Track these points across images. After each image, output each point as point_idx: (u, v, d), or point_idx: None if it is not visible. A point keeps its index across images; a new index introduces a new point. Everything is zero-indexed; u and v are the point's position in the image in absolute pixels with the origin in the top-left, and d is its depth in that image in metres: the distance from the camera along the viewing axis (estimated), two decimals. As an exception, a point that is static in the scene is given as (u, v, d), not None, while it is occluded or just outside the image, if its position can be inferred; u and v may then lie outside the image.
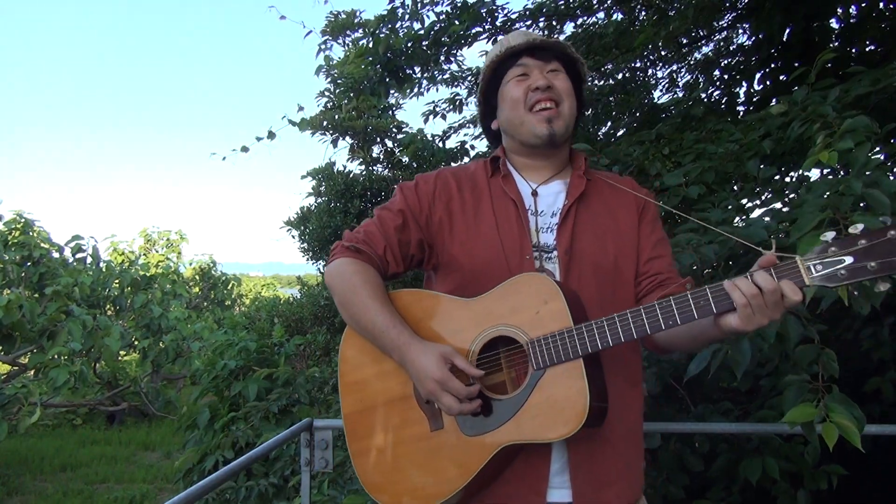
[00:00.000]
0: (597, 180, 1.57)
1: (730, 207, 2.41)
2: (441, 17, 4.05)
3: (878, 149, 2.67)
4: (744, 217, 2.49)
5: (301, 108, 6.56)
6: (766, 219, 2.25)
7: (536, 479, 1.39)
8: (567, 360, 1.29)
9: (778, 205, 2.52)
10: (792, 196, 2.50)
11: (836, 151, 1.85)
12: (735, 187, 2.70)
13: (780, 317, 1.17)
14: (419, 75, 4.46)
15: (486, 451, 1.34)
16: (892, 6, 4.31)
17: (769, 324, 1.18)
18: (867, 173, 1.80)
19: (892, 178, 1.94)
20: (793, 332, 1.80)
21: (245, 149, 5.26)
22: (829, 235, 1.15)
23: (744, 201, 2.62)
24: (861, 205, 1.72)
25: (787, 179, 2.85)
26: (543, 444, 1.36)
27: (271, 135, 5.34)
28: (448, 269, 1.52)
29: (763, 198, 2.66)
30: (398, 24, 3.96)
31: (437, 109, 5.88)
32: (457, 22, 3.99)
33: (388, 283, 1.57)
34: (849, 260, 1.11)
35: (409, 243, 1.53)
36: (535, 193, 1.53)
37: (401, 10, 3.98)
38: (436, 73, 4.88)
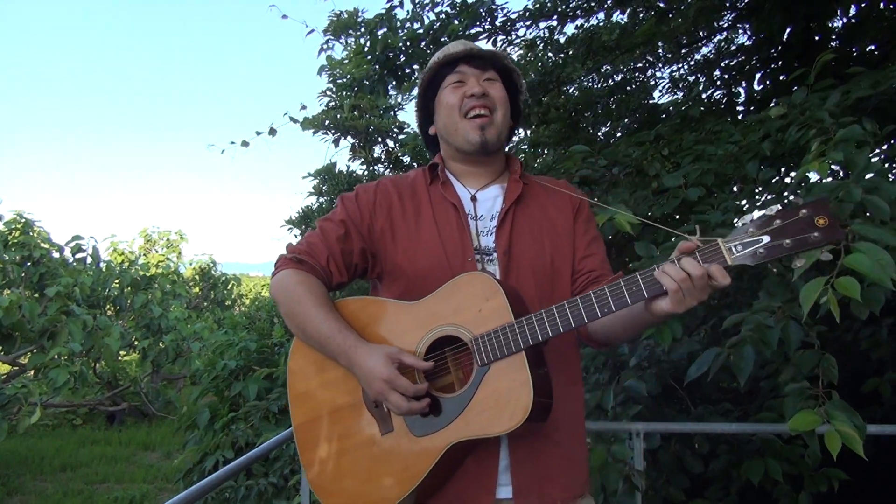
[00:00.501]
0: (533, 184, 1.62)
1: (729, 210, 2.41)
2: (441, 17, 4.05)
3: (877, 151, 2.67)
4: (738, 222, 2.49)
5: (304, 107, 6.55)
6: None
7: (486, 476, 1.42)
8: (510, 354, 1.32)
9: (778, 207, 2.50)
10: (791, 198, 2.49)
11: (826, 162, 1.86)
12: (735, 189, 2.70)
13: (707, 297, 1.23)
14: (418, 74, 4.46)
15: (435, 449, 1.36)
16: (892, 6, 4.31)
17: (698, 304, 1.23)
18: (868, 176, 1.80)
19: (893, 178, 1.93)
20: (793, 337, 1.80)
21: (245, 143, 5.24)
22: (749, 217, 1.22)
23: (743, 203, 2.62)
24: (867, 214, 1.72)
25: (787, 181, 2.84)
26: (493, 442, 1.40)
27: (272, 131, 5.32)
28: (392, 276, 1.54)
29: (762, 200, 2.65)
30: (397, 25, 3.95)
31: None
32: (456, 21, 3.98)
33: (333, 292, 1.58)
34: (766, 239, 1.18)
35: (352, 252, 1.56)
36: (474, 199, 1.57)
37: (399, 11, 3.98)
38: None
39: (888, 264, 1.47)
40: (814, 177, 1.97)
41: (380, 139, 8.79)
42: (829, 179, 2.01)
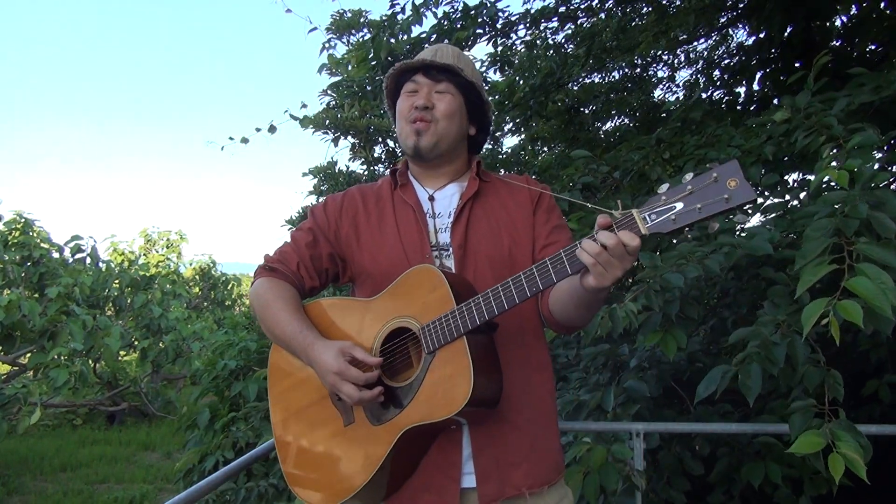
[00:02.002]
0: (493, 181, 1.67)
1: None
2: (442, 21, 4.04)
3: (878, 155, 2.67)
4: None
5: (304, 106, 6.55)
6: (769, 228, 2.24)
7: (449, 465, 1.47)
8: (452, 340, 1.36)
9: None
10: (794, 203, 2.50)
11: (846, 171, 1.84)
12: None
13: (630, 265, 1.23)
14: None
15: (390, 437, 1.42)
16: (892, 6, 4.31)
17: (622, 274, 1.24)
18: (872, 187, 1.79)
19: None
20: (799, 353, 1.80)
21: (245, 140, 5.23)
22: (664, 187, 1.21)
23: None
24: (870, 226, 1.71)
25: (789, 185, 2.84)
26: (455, 431, 1.46)
27: (272, 128, 5.32)
28: (361, 278, 1.63)
29: (765, 204, 2.65)
30: (398, 29, 3.95)
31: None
32: (459, 26, 3.98)
33: (311, 297, 1.68)
34: (679, 206, 1.17)
35: (321, 257, 1.64)
36: (431, 198, 1.63)
37: (401, 16, 3.97)
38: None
39: (889, 290, 1.47)
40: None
41: (380, 139, 8.79)
42: (824, 186, 2.00)
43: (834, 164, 1.90)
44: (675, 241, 2.29)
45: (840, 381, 1.78)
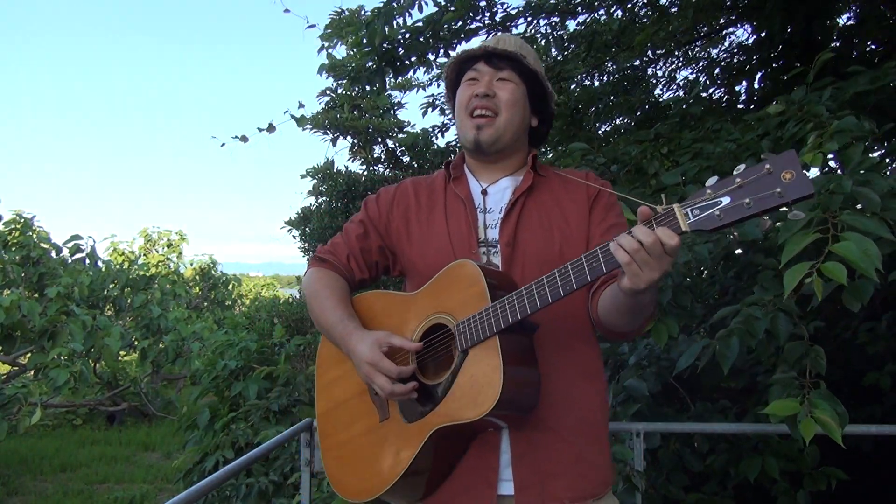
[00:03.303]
0: (550, 176, 1.60)
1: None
2: (439, 8, 4.02)
3: (875, 148, 2.67)
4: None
5: (302, 105, 6.59)
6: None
7: (488, 470, 1.42)
8: (485, 339, 1.31)
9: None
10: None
11: (820, 153, 1.84)
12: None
13: (668, 266, 1.14)
14: (417, 65, 4.43)
15: (421, 435, 1.38)
16: (892, 6, 4.30)
17: (659, 276, 1.15)
18: (861, 172, 1.79)
19: (887, 173, 1.92)
20: (782, 329, 1.79)
21: (244, 138, 5.24)
22: (711, 181, 1.10)
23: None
24: (858, 206, 1.71)
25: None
26: (494, 435, 1.41)
27: (271, 128, 5.33)
28: (410, 272, 1.61)
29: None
30: (394, 15, 3.93)
31: (437, 102, 5.91)
32: (452, 9, 3.95)
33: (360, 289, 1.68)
34: (725, 201, 1.06)
35: (371, 250, 1.63)
36: (484, 192, 1.58)
37: (396, 4, 3.95)
38: (434, 64, 4.87)
39: (875, 255, 1.45)
40: (813, 173, 1.96)
41: (379, 139, 8.80)
42: (818, 173, 2.00)
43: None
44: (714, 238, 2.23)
45: (822, 356, 1.76)
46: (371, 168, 8.79)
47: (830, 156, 1.93)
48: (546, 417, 1.40)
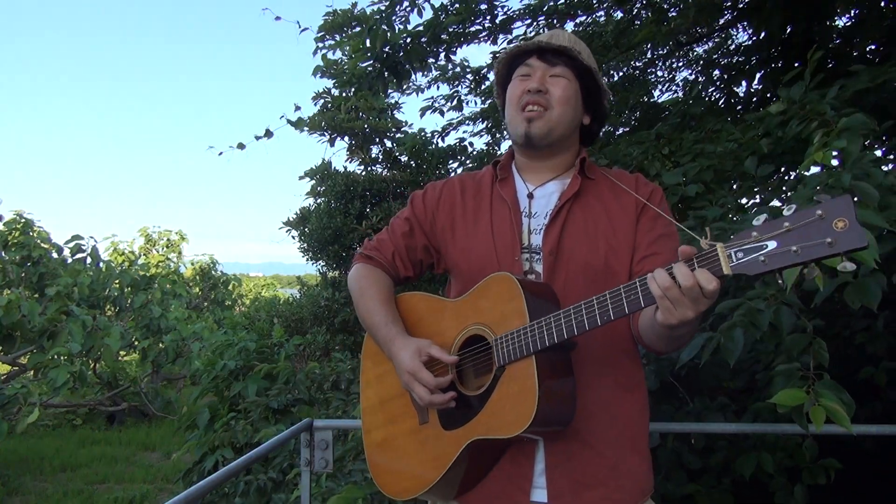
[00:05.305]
0: (599, 179, 1.55)
1: (728, 206, 2.41)
2: (440, 12, 4.03)
3: (876, 146, 2.67)
4: (736, 218, 2.49)
5: (298, 108, 6.62)
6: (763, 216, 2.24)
7: (521, 477, 1.42)
8: (521, 358, 1.30)
9: (776, 202, 2.52)
10: (790, 194, 2.49)
11: (830, 150, 1.84)
12: (734, 186, 2.70)
13: (705, 307, 1.11)
14: (417, 70, 4.43)
15: (458, 444, 1.40)
16: (892, 6, 4.31)
17: (694, 316, 1.12)
18: (861, 163, 1.79)
19: (886, 168, 1.92)
20: (785, 322, 1.79)
21: (242, 146, 5.25)
22: (759, 219, 1.03)
23: (742, 200, 2.62)
24: (856, 199, 1.71)
25: (785, 178, 2.84)
26: (530, 444, 1.41)
27: (268, 133, 5.34)
28: (454, 272, 1.59)
29: (761, 196, 2.66)
30: (395, 19, 3.93)
31: (436, 105, 5.91)
32: (453, 12, 3.96)
33: (405, 285, 1.70)
34: (771, 245, 1.00)
35: (416, 248, 1.63)
36: (530, 196, 1.54)
37: (399, 5, 3.95)
38: (433, 68, 4.88)
39: (873, 246, 1.46)
40: (814, 169, 1.97)
41: (377, 139, 8.80)
42: (817, 170, 2.01)
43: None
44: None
45: (825, 348, 1.75)
46: (369, 168, 8.79)
47: (833, 153, 1.94)
48: (582, 429, 1.39)
